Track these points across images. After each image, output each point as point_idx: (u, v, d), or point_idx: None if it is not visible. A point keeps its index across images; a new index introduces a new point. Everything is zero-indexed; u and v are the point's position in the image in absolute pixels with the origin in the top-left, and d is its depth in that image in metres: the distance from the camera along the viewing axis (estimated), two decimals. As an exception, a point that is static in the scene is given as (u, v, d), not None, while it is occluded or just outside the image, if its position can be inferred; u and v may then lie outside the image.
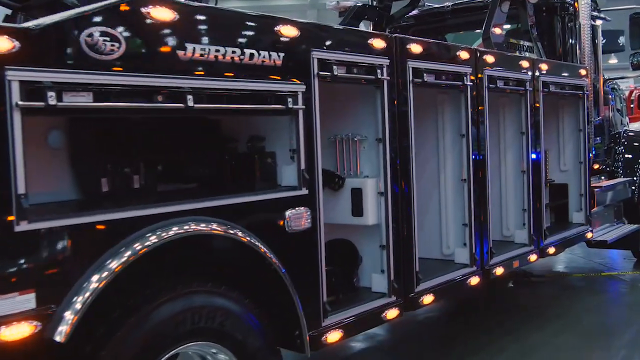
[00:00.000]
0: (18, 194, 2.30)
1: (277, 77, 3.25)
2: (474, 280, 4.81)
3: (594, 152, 7.12)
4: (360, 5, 7.15)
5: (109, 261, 2.55)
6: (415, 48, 4.22)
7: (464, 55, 4.73)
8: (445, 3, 7.50)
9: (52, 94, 2.37)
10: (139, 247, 2.62)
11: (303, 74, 3.39)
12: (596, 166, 7.40)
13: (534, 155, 5.73)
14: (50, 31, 2.42)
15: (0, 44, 2.26)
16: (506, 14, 6.02)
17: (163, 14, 2.75)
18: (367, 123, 4.05)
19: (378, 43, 3.91)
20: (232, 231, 2.99)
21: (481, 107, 4.97)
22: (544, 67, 5.85)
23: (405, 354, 5.46)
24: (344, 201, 4.09)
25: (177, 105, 2.80)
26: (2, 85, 2.27)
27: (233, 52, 3.03)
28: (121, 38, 2.60)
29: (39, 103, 2.35)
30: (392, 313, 3.97)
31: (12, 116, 2.28)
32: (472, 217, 4.82)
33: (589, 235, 6.67)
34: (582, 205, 6.62)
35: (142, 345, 2.64)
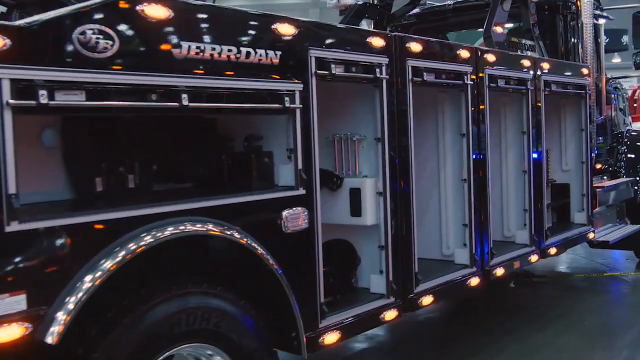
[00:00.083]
0: (8, 194, 2.27)
1: (274, 76, 3.22)
2: (474, 281, 4.77)
3: (596, 152, 7.07)
4: (361, 3, 7.12)
5: (102, 261, 2.52)
6: (415, 47, 4.18)
7: (465, 54, 4.69)
8: (446, 1, 7.45)
9: (43, 92, 2.34)
10: (134, 247, 2.59)
11: (300, 72, 3.36)
12: (598, 166, 7.36)
13: (535, 155, 5.68)
14: (43, 29, 2.40)
15: (-9, 41, 2.23)
16: (508, 13, 5.97)
17: (157, 12, 2.72)
18: (365, 122, 4.01)
19: (377, 41, 3.88)
20: (229, 232, 2.96)
21: (482, 107, 4.93)
22: (545, 66, 5.81)
23: (405, 354, 5.43)
24: (342, 201, 4.06)
25: (172, 104, 2.77)
26: (-7, 84, 2.24)
27: (229, 50, 2.99)
28: (115, 36, 2.57)
29: (31, 102, 2.33)
30: (390, 314, 3.94)
31: (2, 115, 2.25)
32: (472, 217, 4.79)
33: (591, 235, 6.64)
34: (584, 206, 6.58)
35: (136, 346, 2.61)
